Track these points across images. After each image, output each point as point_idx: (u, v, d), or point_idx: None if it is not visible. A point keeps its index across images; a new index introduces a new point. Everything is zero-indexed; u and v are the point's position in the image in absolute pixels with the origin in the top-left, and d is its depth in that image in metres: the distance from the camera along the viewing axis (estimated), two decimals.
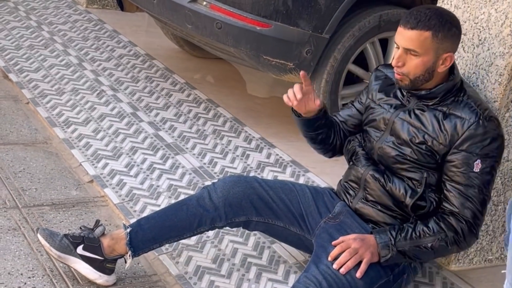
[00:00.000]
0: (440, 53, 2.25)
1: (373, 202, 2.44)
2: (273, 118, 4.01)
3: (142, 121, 3.69)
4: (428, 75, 2.28)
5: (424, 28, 2.21)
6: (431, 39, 2.22)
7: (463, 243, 2.30)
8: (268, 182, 2.55)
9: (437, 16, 2.22)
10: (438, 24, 2.21)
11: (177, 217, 2.46)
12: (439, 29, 2.21)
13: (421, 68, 2.26)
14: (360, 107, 2.59)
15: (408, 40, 2.24)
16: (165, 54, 4.79)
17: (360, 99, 2.61)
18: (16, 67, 4.22)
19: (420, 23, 2.21)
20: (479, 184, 2.27)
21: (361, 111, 2.59)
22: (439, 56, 2.25)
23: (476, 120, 2.25)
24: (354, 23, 3.46)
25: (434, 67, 2.27)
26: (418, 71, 2.27)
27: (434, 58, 2.25)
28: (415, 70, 2.27)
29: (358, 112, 2.60)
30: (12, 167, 3.16)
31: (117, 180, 3.12)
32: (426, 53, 2.24)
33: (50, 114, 3.69)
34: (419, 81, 2.29)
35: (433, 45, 2.23)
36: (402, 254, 2.30)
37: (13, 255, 2.56)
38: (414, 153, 2.33)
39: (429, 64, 2.26)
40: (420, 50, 2.23)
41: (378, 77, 2.55)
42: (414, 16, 2.23)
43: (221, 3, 3.38)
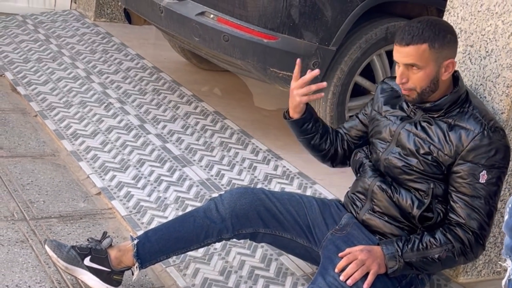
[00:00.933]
0: (441, 62, 2.27)
1: (380, 213, 2.43)
2: (280, 130, 4.01)
3: (149, 134, 3.70)
4: (434, 85, 2.29)
5: (419, 42, 2.23)
6: (429, 50, 2.24)
7: (470, 254, 2.29)
8: (275, 193, 2.55)
9: (429, 27, 2.24)
10: (433, 35, 2.23)
11: (184, 229, 2.46)
12: (435, 39, 2.24)
13: (425, 80, 2.27)
14: (364, 118, 2.60)
15: (407, 56, 2.26)
16: (173, 67, 4.81)
17: (364, 111, 2.62)
18: (24, 80, 4.25)
19: (415, 38, 2.23)
20: (485, 195, 2.26)
21: (365, 122, 2.60)
22: (440, 64, 2.27)
23: (481, 131, 2.25)
24: (361, 36, 3.47)
25: (437, 76, 2.28)
26: (423, 83, 2.28)
27: (436, 67, 2.27)
28: (421, 83, 2.28)
29: (361, 123, 2.61)
30: (20, 179, 3.18)
31: (125, 192, 3.13)
32: (427, 65, 2.25)
33: (58, 127, 3.71)
34: (426, 93, 2.30)
35: (432, 56, 2.24)
36: (409, 265, 2.29)
37: (21, 267, 2.57)
38: (420, 163, 2.34)
39: (432, 74, 2.27)
40: (421, 63, 2.25)
41: (384, 89, 2.56)
42: (407, 31, 2.25)
43: (228, 16, 3.40)
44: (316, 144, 2.62)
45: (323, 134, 2.61)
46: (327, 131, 2.63)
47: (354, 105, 3.62)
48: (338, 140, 2.64)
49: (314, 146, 2.63)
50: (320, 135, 2.60)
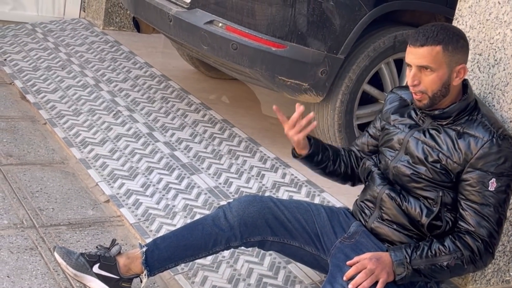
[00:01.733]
0: (453, 66, 2.27)
1: (389, 221, 2.43)
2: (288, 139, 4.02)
3: (158, 142, 3.71)
4: (445, 89, 2.30)
5: (434, 43, 2.25)
6: (443, 52, 2.25)
7: (480, 262, 2.29)
8: (283, 201, 2.55)
9: (443, 30, 2.27)
10: (447, 38, 2.25)
11: (192, 237, 2.46)
12: (448, 42, 2.25)
13: (437, 83, 2.28)
14: (375, 132, 2.61)
15: (421, 58, 2.26)
16: (181, 75, 4.83)
17: (374, 124, 2.63)
18: (34, 88, 4.27)
19: (430, 39, 2.25)
20: (495, 203, 2.26)
21: (376, 137, 2.61)
22: (452, 69, 2.27)
23: (490, 139, 2.25)
24: (369, 44, 3.48)
25: (449, 80, 2.29)
26: (435, 86, 2.28)
27: (448, 71, 2.27)
28: (432, 86, 2.28)
29: (372, 138, 2.62)
30: (30, 187, 3.19)
31: (133, 200, 3.14)
32: (440, 67, 2.26)
33: (67, 134, 3.72)
34: (437, 97, 2.30)
35: (445, 58, 2.25)
36: (417, 273, 2.29)
37: (30, 274, 2.57)
38: (429, 171, 2.33)
39: (444, 78, 2.28)
40: (434, 65, 2.26)
41: (393, 99, 2.57)
42: (422, 33, 2.27)
43: (237, 24, 3.41)
44: (332, 171, 2.65)
45: (335, 159, 2.64)
46: (338, 155, 2.65)
47: (362, 114, 3.62)
48: (352, 159, 2.67)
49: (330, 173, 2.66)
50: (333, 161, 2.63)
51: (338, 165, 2.65)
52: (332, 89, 3.48)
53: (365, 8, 3.35)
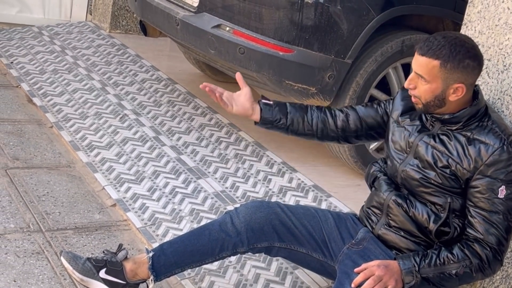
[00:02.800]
0: (450, 83, 2.24)
1: (396, 228, 2.42)
2: (295, 143, 4.01)
3: (164, 145, 3.71)
4: (439, 102, 2.28)
5: (433, 57, 2.22)
6: (439, 68, 2.22)
7: (488, 270, 2.27)
8: (290, 207, 2.54)
9: (450, 46, 2.21)
10: (448, 55, 2.20)
11: (199, 242, 2.46)
12: (448, 59, 2.20)
13: (429, 94, 2.27)
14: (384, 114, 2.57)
15: (418, 66, 2.26)
16: (187, 79, 4.83)
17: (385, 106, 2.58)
18: (40, 92, 4.27)
19: (430, 51, 2.22)
20: (504, 210, 2.24)
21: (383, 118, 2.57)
22: (448, 85, 2.24)
23: (501, 146, 2.23)
24: (377, 48, 3.47)
25: (444, 95, 2.26)
26: (427, 97, 2.28)
27: (443, 87, 2.24)
28: (425, 95, 2.28)
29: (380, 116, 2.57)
30: (36, 191, 3.19)
31: (140, 204, 3.13)
32: (433, 81, 2.24)
33: (73, 138, 3.72)
34: (430, 106, 2.30)
35: (441, 74, 2.22)
36: (426, 281, 2.27)
37: (36, 279, 2.57)
38: (438, 176, 2.32)
39: (437, 92, 2.25)
40: (428, 77, 2.24)
41: (404, 97, 2.53)
42: (428, 43, 2.24)
43: (244, 28, 3.41)
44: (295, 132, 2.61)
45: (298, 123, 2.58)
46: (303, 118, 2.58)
47: None
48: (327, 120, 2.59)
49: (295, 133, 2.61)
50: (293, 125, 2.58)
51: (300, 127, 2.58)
52: (339, 94, 3.47)
53: (372, 12, 3.34)
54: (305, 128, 2.59)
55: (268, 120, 2.57)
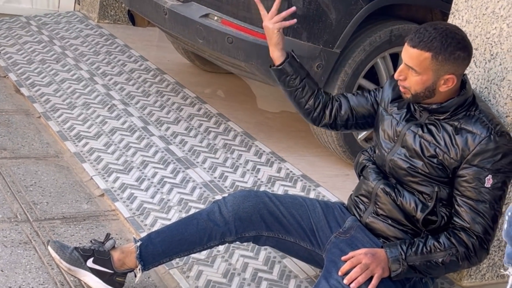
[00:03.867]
0: (441, 74, 2.24)
1: (383, 217, 2.43)
2: (284, 133, 4.01)
3: (153, 136, 3.70)
4: (429, 93, 2.28)
5: (424, 49, 2.21)
6: (430, 60, 2.22)
7: (474, 258, 2.29)
8: (278, 196, 2.55)
9: (441, 38, 2.21)
10: (440, 47, 2.20)
11: (187, 231, 2.46)
12: (440, 51, 2.20)
13: (420, 86, 2.27)
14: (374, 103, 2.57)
15: (409, 58, 2.25)
16: (176, 69, 4.81)
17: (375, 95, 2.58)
18: (28, 82, 4.25)
19: (422, 43, 2.22)
20: (490, 200, 2.26)
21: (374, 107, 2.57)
22: (439, 77, 2.24)
23: (488, 135, 2.24)
24: (365, 38, 3.47)
25: (434, 86, 2.26)
26: (417, 88, 2.28)
27: (434, 78, 2.25)
28: (415, 87, 2.28)
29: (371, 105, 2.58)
30: (24, 181, 3.18)
31: (128, 194, 3.13)
32: (425, 73, 2.24)
33: (61, 128, 3.71)
34: (419, 97, 2.30)
35: (432, 66, 2.22)
36: (412, 269, 2.28)
37: (24, 268, 2.56)
38: (425, 166, 2.33)
39: (428, 83, 2.26)
40: (419, 69, 2.24)
41: (393, 86, 2.53)
42: (418, 34, 2.24)
43: (232, 18, 3.40)
44: (297, 99, 2.61)
45: (305, 90, 2.59)
46: (311, 88, 2.59)
47: None
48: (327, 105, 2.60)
49: (296, 100, 2.62)
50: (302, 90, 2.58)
51: (305, 97, 2.59)
52: (328, 83, 3.46)
53: (361, 2, 3.34)
54: (308, 102, 2.60)
55: (286, 71, 2.57)
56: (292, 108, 2.56)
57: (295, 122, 4.22)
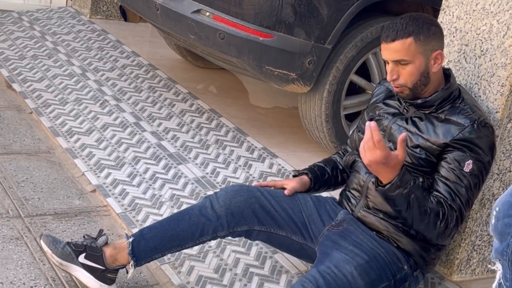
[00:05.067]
0: (429, 54, 2.30)
1: (375, 210, 2.44)
2: (276, 129, 4.02)
3: (145, 131, 3.70)
4: (425, 78, 2.32)
5: (404, 36, 2.27)
6: (415, 43, 2.27)
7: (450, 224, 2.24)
8: (270, 191, 2.55)
9: (412, 21, 2.28)
10: (417, 28, 2.27)
11: (179, 227, 2.46)
12: (419, 31, 2.27)
13: (415, 74, 2.31)
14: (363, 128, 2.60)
15: (394, 52, 2.29)
16: (168, 65, 4.81)
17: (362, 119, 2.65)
18: (20, 77, 4.24)
19: (400, 32, 2.27)
20: (467, 185, 2.27)
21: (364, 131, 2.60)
22: (428, 57, 2.30)
23: (471, 124, 2.28)
24: (357, 34, 3.48)
25: (427, 69, 2.31)
26: (413, 77, 2.31)
27: (424, 60, 2.30)
28: (411, 78, 2.31)
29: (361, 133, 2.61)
30: (15, 177, 3.17)
31: (120, 190, 3.13)
32: (415, 58, 2.29)
33: (53, 124, 3.70)
34: (418, 87, 2.33)
35: (418, 48, 2.28)
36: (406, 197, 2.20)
37: (15, 264, 2.56)
38: (409, 157, 2.34)
39: (421, 67, 2.30)
40: (408, 57, 2.28)
41: (380, 91, 2.61)
42: (392, 28, 2.29)
43: (224, 13, 3.40)
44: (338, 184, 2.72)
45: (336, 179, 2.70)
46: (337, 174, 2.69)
47: (349, 104, 3.62)
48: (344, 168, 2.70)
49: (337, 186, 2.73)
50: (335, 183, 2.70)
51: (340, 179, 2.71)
52: (320, 79, 3.47)
53: None
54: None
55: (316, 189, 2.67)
56: (285, 104, 2.57)
57: (288, 118, 4.23)
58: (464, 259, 2.74)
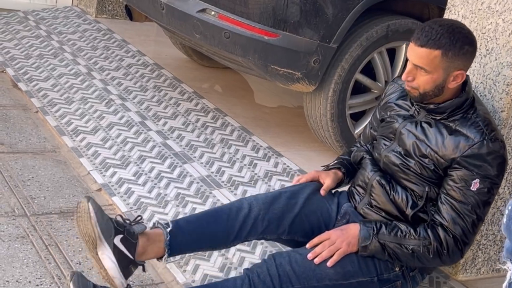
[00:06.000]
0: (451, 71, 2.22)
1: (377, 208, 2.44)
2: (281, 128, 4.02)
3: (150, 130, 3.71)
4: (438, 91, 2.26)
5: (433, 47, 2.18)
6: (441, 58, 2.19)
7: (446, 256, 2.28)
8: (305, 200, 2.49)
9: (448, 34, 2.19)
10: (449, 43, 2.18)
11: (217, 226, 2.35)
12: (449, 48, 2.18)
13: (430, 84, 2.25)
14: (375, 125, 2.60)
15: (418, 58, 2.22)
16: (174, 64, 4.82)
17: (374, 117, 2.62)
18: (26, 76, 4.25)
19: (430, 42, 2.18)
20: (474, 204, 2.24)
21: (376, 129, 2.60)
22: (449, 73, 2.22)
23: (481, 140, 2.22)
24: (362, 33, 3.47)
25: (444, 83, 2.24)
26: (427, 87, 2.25)
27: (444, 75, 2.23)
28: (425, 86, 2.25)
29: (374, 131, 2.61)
30: (21, 175, 3.18)
31: (125, 189, 3.14)
32: (435, 71, 2.21)
33: (59, 123, 3.71)
34: (428, 96, 2.28)
35: (442, 64, 2.20)
36: (382, 248, 2.28)
37: (21, 262, 2.57)
38: (416, 165, 2.33)
39: (438, 81, 2.24)
40: (429, 68, 2.21)
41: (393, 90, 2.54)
42: (425, 33, 2.20)
43: (230, 13, 3.40)
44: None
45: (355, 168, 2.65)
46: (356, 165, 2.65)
47: (354, 103, 3.62)
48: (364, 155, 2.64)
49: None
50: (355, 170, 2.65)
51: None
52: (325, 78, 3.47)
53: None
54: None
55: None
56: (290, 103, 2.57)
57: (293, 117, 4.23)
58: (469, 258, 2.73)
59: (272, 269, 2.22)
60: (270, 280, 2.21)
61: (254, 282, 2.20)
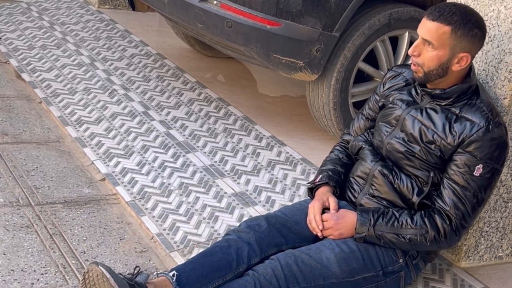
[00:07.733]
0: (457, 51, 2.25)
1: (379, 198, 2.44)
2: (284, 117, 4.03)
3: (153, 120, 3.72)
4: (442, 71, 2.28)
5: (444, 22, 2.23)
6: (449, 34, 2.23)
7: (443, 243, 2.32)
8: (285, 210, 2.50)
9: (461, 13, 2.23)
10: (460, 21, 2.22)
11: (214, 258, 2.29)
12: (460, 26, 2.22)
13: (435, 62, 2.27)
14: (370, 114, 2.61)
15: (428, 31, 2.25)
16: (176, 54, 4.82)
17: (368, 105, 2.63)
18: (29, 67, 4.26)
19: (442, 17, 2.23)
20: (475, 188, 2.27)
21: (372, 118, 2.60)
22: (455, 53, 2.25)
23: (486, 125, 2.25)
24: (364, 21, 3.47)
25: (448, 64, 2.27)
26: (431, 64, 2.27)
27: (449, 54, 2.25)
28: (429, 63, 2.28)
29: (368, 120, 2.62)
30: (25, 166, 3.20)
31: (129, 178, 3.15)
32: (441, 47, 2.24)
33: (62, 113, 3.73)
34: (432, 75, 2.30)
35: (450, 41, 2.23)
36: (378, 237, 2.32)
37: (26, 252, 2.59)
38: (422, 151, 2.34)
39: (443, 59, 2.26)
40: (437, 43, 2.24)
41: (393, 77, 2.55)
42: (439, 9, 2.25)
43: (232, 2, 3.40)
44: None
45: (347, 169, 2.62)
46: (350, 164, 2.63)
47: (357, 92, 3.62)
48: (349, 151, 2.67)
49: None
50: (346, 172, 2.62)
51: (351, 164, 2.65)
52: (327, 67, 3.47)
53: None
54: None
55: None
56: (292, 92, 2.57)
57: (295, 107, 4.24)
58: (472, 246, 2.74)
59: (277, 270, 2.23)
60: (276, 281, 2.21)
61: (260, 283, 2.20)
